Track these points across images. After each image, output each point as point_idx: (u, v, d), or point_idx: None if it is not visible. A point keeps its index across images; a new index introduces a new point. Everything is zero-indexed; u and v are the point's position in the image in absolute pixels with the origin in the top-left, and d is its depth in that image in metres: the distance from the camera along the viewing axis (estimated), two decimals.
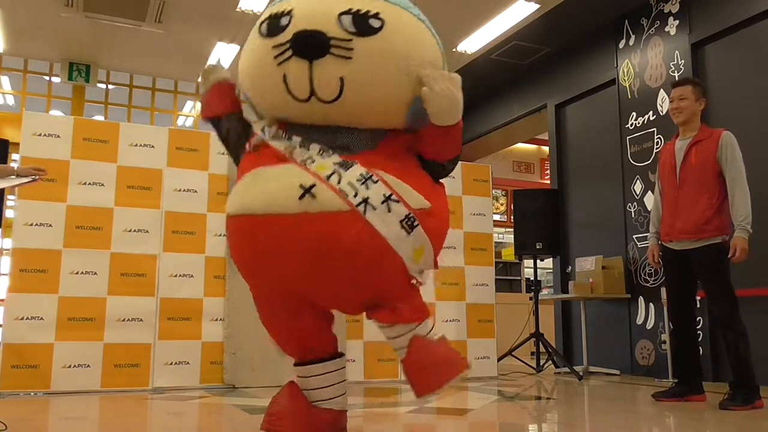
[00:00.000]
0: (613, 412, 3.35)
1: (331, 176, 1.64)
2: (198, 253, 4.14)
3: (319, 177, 1.63)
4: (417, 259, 1.71)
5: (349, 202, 1.61)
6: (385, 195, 1.65)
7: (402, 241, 1.66)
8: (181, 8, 6.03)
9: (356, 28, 1.64)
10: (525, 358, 5.77)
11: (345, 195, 1.61)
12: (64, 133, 3.97)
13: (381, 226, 1.63)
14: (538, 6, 5.71)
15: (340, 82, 1.66)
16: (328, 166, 1.66)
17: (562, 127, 6.54)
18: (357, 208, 1.61)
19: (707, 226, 3.41)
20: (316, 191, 1.60)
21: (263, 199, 1.63)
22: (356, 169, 1.66)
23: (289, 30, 1.66)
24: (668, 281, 3.71)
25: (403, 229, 1.65)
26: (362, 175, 1.66)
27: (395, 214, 1.65)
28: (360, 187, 1.64)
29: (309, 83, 1.66)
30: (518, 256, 6.95)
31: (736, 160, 3.41)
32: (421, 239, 1.69)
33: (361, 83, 1.67)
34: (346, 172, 1.66)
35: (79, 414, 3.17)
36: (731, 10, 4.78)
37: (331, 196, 1.61)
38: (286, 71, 1.67)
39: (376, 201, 1.63)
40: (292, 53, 1.65)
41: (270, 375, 4.12)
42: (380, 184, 1.65)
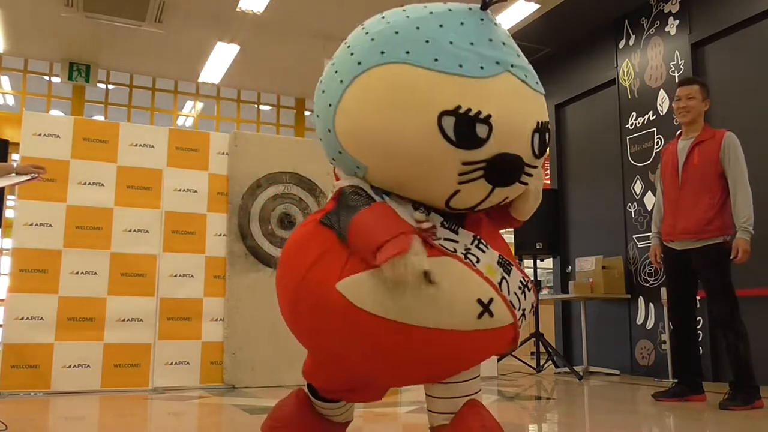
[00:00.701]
0: (613, 412, 3.35)
1: (501, 283, 1.45)
2: (198, 253, 4.14)
3: (493, 285, 1.41)
4: None
5: (515, 314, 1.45)
6: (532, 304, 1.55)
7: None
8: (181, 8, 6.04)
9: (541, 150, 1.48)
10: (525, 358, 5.77)
11: (514, 308, 1.45)
12: (64, 133, 3.96)
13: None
14: (538, 6, 5.71)
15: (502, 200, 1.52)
16: (495, 270, 1.46)
17: (562, 127, 6.54)
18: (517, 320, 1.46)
19: (709, 227, 3.41)
20: (494, 307, 1.39)
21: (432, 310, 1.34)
22: (516, 274, 1.52)
23: (486, 148, 1.37)
24: (669, 281, 3.71)
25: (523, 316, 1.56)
26: (522, 282, 1.52)
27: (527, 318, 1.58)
28: (521, 297, 1.50)
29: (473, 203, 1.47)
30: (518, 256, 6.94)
31: (739, 162, 3.41)
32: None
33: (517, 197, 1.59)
34: (510, 277, 1.49)
35: (79, 414, 3.17)
36: (731, 10, 4.78)
37: (503, 313, 1.41)
38: (463, 188, 1.42)
39: (528, 309, 1.54)
40: (483, 178, 1.39)
41: (270, 375, 4.12)
42: (532, 292, 1.55)
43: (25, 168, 2.96)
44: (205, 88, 8.28)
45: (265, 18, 6.23)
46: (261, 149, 4.41)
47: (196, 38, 6.74)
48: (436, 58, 1.37)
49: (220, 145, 4.35)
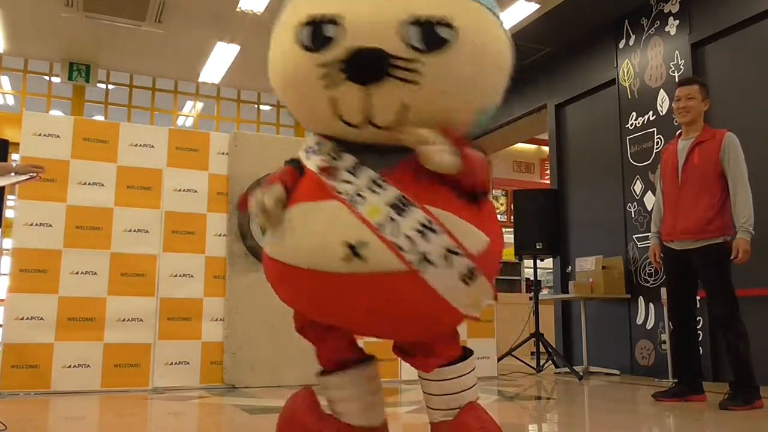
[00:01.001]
0: (613, 412, 3.35)
1: (385, 225, 1.38)
2: (198, 253, 4.14)
3: (371, 226, 1.37)
4: (473, 308, 1.49)
5: (406, 259, 1.36)
6: (448, 249, 1.39)
7: (462, 294, 1.43)
8: (181, 8, 6.04)
9: (423, 43, 1.35)
10: (525, 358, 5.77)
11: (401, 250, 1.36)
12: (64, 133, 3.96)
13: (439, 284, 1.39)
14: (538, 6, 5.71)
15: (402, 108, 1.40)
16: (381, 210, 1.39)
17: (562, 127, 6.54)
18: (414, 267, 1.37)
19: (709, 227, 3.41)
20: (367, 251, 1.36)
21: (307, 253, 1.41)
22: (415, 214, 1.39)
23: (339, 45, 1.36)
24: (669, 281, 3.71)
25: (464, 282, 1.41)
26: (422, 224, 1.39)
27: (457, 269, 1.40)
28: (419, 240, 1.38)
29: (365, 110, 1.40)
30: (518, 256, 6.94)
31: (739, 162, 3.41)
32: (481, 288, 1.45)
33: (426, 110, 1.42)
34: (403, 218, 1.39)
35: (79, 414, 3.17)
36: (731, 10, 4.78)
37: (382, 257, 1.36)
38: (337, 96, 1.40)
39: (437, 256, 1.38)
40: (345, 77, 1.37)
41: (270, 375, 4.12)
42: (442, 234, 1.39)
43: (24, 167, 2.95)
44: (205, 88, 8.28)
45: (265, 18, 6.23)
46: (261, 149, 4.41)
47: (196, 38, 6.74)
48: None
49: (220, 145, 4.35)
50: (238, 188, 4.29)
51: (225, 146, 4.36)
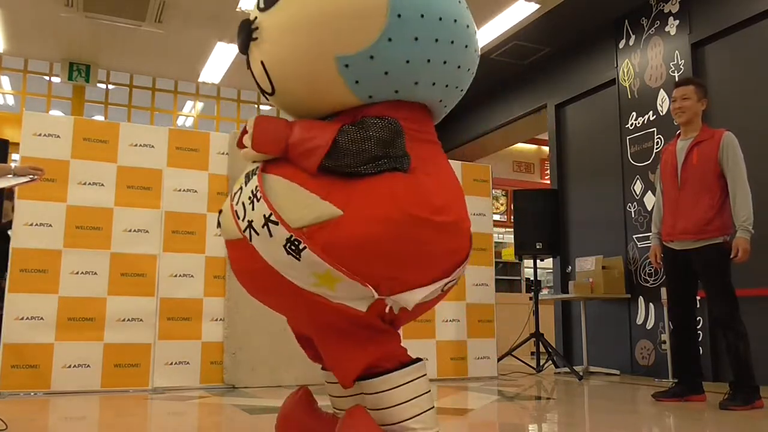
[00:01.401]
0: (613, 412, 3.35)
1: (236, 194, 1.51)
2: (198, 253, 4.14)
3: (231, 197, 1.56)
4: (330, 286, 1.39)
5: (239, 226, 1.45)
6: (265, 216, 1.39)
7: (293, 269, 1.38)
8: (181, 8, 6.03)
9: (264, 3, 1.51)
10: (525, 358, 5.77)
11: (238, 218, 1.46)
12: (64, 133, 3.96)
13: (265, 253, 1.40)
14: (538, 6, 5.71)
15: (263, 68, 1.53)
16: (241, 180, 1.57)
17: (562, 127, 6.54)
18: (244, 234, 1.42)
19: (708, 227, 3.42)
20: (222, 218, 1.55)
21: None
22: (252, 184, 1.47)
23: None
24: (669, 281, 3.71)
25: (290, 254, 1.37)
26: (252, 192, 1.45)
27: (276, 239, 1.38)
28: (248, 207, 1.43)
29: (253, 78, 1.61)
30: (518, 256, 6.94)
31: (738, 161, 3.41)
32: (317, 264, 1.36)
33: (276, 62, 1.52)
34: (246, 187, 1.49)
35: (79, 414, 3.17)
36: (731, 10, 4.78)
37: (228, 223, 1.52)
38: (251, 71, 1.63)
39: (258, 224, 1.40)
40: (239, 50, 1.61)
41: (270, 375, 4.12)
42: (262, 202, 1.40)
43: (24, 169, 2.94)
44: (205, 88, 8.27)
45: None
46: None
47: (196, 38, 6.74)
48: None
49: (220, 145, 4.35)
50: None
51: (225, 146, 4.36)
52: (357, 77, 1.45)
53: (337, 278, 1.38)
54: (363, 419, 1.44)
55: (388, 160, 1.42)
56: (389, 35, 1.43)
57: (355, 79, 1.46)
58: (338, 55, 1.43)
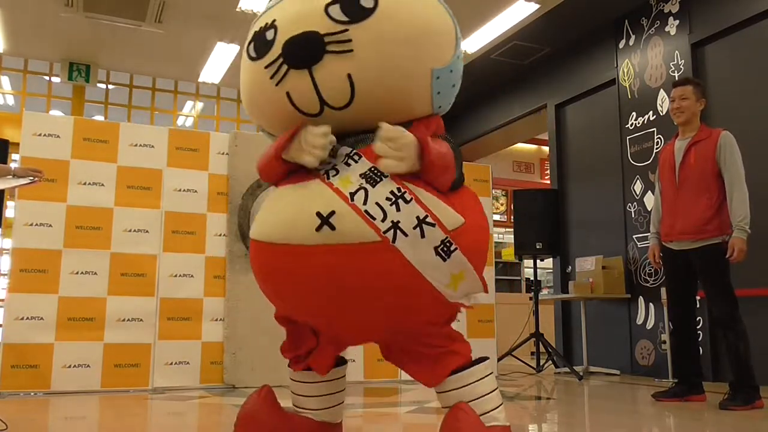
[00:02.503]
0: (613, 412, 3.35)
1: (356, 194, 1.41)
2: (198, 253, 4.14)
3: (342, 195, 1.41)
4: (455, 286, 1.48)
5: (377, 227, 1.38)
6: (418, 218, 1.41)
7: (437, 269, 1.44)
8: (181, 8, 6.03)
9: (348, 15, 1.44)
10: (525, 358, 5.77)
11: (372, 219, 1.39)
12: (64, 133, 3.96)
13: (412, 254, 1.40)
14: (538, 6, 5.71)
15: (349, 81, 1.46)
16: (353, 181, 1.44)
17: (562, 127, 6.54)
18: (385, 235, 1.38)
19: (707, 227, 3.42)
20: (336, 220, 1.38)
21: (280, 226, 1.45)
22: (387, 185, 1.43)
23: (276, 43, 1.48)
24: (668, 281, 3.71)
25: (439, 255, 1.42)
26: (393, 193, 1.42)
27: (430, 240, 1.41)
28: (390, 208, 1.40)
29: (316, 93, 1.47)
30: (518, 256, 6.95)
31: (735, 161, 3.41)
32: (461, 264, 1.46)
33: (372, 78, 1.47)
34: (374, 188, 1.43)
35: (79, 414, 3.17)
36: (731, 10, 4.78)
37: (353, 225, 1.39)
38: (288, 88, 1.49)
39: (408, 225, 1.40)
40: (288, 66, 1.46)
41: (270, 375, 4.11)
42: (414, 204, 1.42)
43: (24, 171, 2.94)
44: (205, 88, 8.27)
45: None
46: (261, 149, 4.38)
47: (196, 38, 6.73)
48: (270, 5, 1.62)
49: (220, 145, 4.35)
50: (239, 188, 4.29)
51: (225, 146, 4.36)
52: (440, 89, 1.58)
53: (465, 278, 1.49)
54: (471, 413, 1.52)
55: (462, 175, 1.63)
56: (458, 54, 1.62)
57: (438, 90, 1.57)
58: (434, 68, 1.53)
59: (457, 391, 1.56)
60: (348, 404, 3.21)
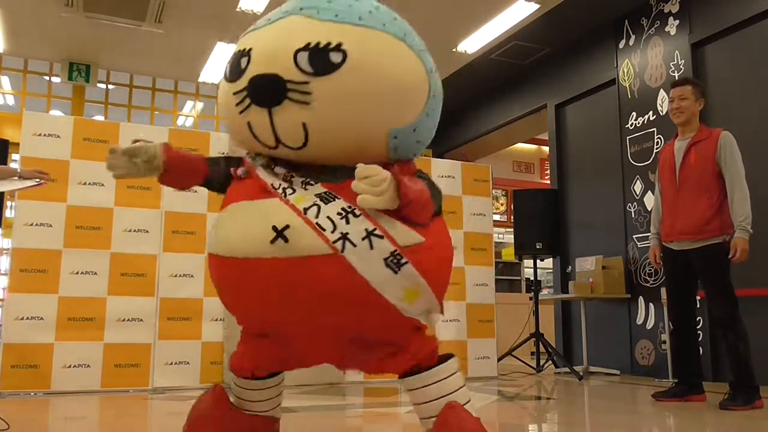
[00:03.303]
0: (613, 412, 3.35)
1: (309, 209, 1.48)
2: (198, 253, 4.14)
3: (296, 210, 1.48)
4: (411, 300, 1.51)
5: (326, 238, 1.44)
6: (367, 230, 1.46)
7: (388, 282, 1.46)
8: (181, 8, 6.04)
9: (313, 67, 1.46)
10: (525, 358, 5.77)
11: (322, 230, 1.45)
12: (64, 133, 3.97)
13: (361, 265, 1.44)
14: (538, 6, 5.71)
15: (304, 129, 1.51)
16: (308, 199, 1.50)
17: (562, 127, 6.54)
18: (334, 245, 1.43)
19: (707, 227, 3.42)
20: (290, 233, 1.44)
21: (235, 240, 1.50)
22: (338, 203, 1.49)
23: (246, 74, 1.52)
24: (668, 281, 3.71)
25: (389, 267, 1.46)
26: (344, 209, 1.48)
27: (378, 251, 1.45)
28: (340, 221, 1.46)
29: (272, 132, 1.53)
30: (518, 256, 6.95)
31: (735, 161, 3.41)
32: (413, 278, 1.48)
33: (326, 129, 1.52)
34: (327, 205, 1.49)
35: (79, 414, 3.17)
36: (731, 10, 4.78)
37: (305, 237, 1.44)
38: (249, 119, 1.55)
39: (357, 237, 1.45)
40: (250, 101, 1.51)
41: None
42: (362, 218, 1.47)
43: (30, 173, 2.91)
44: (205, 88, 8.27)
45: None
46: None
47: (196, 38, 6.74)
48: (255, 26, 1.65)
49: (220, 145, 4.35)
50: None
51: (225, 146, 4.36)
52: (398, 145, 1.59)
53: (420, 293, 1.51)
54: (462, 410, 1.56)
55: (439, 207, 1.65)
56: (427, 111, 1.61)
57: (396, 146, 1.59)
58: (392, 128, 1.55)
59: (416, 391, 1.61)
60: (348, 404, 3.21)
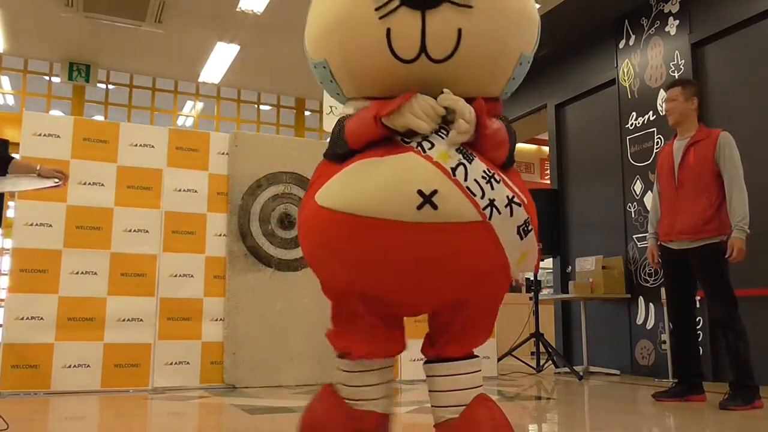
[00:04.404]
0: (613, 412, 3.35)
1: (457, 169, 1.39)
2: (198, 253, 4.14)
3: (444, 170, 1.38)
4: (521, 263, 1.52)
5: (477, 204, 1.38)
6: (508, 197, 1.43)
7: (515, 247, 1.46)
8: (181, 8, 6.04)
9: None
10: (525, 358, 5.77)
11: (473, 195, 1.38)
12: (64, 133, 3.97)
13: (503, 234, 1.42)
14: (538, 6, 5.70)
15: (458, 35, 1.42)
16: (452, 155, 1.40)
17: (562, 127, 6.54)
18: (483, 212, 1.39)
19: (706, 227, 3.41)
20: (439, 199, 1.35)
21: (375, 199, 1.38)
22: (479, 164, 1.43)
23: None
24: (667, 281, 3.71)
25: (518, 234, 1.45)
26: (485, 172, 1.42)
27: (515, 219, 1.44)
28: (486, 186, 1.40)
29: (420, 38, 1.40)
30: None
31: (734, 160, 3.41)
32: (531, 243, 1.49)
33: (480, 36, 1.45)
34: (471, 165, 1.41)
35: (79, 414, 3.17)
36: (731, 10, 4.78)
37: (455, 204, 1.37)
38: (392, 25, 1.41)
39: (501, 204, 1.41)
40: (401, 2, 1.38)
41: (270, 375, 4.12)
42: (502, 184, 1.43)
43: (49, 171, 2.79)
44: (205, 88, 8.28)
45: (265, 18, 6.23)
46: (261, 149, 4.42)
47: (196, 38, 6.74)
48: None
49: (220, 145, 4.35)
50: (239, 188, 4.29)
51: (225, 146, 4.36)
52: (516, 75, 1.58)
53: (528, 257, 1.51)
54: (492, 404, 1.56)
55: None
56: (536, 46, 1.61)
57: (514, 76, 1.58)
58: (523, 52, 1.54)
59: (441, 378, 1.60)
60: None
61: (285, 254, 4.32)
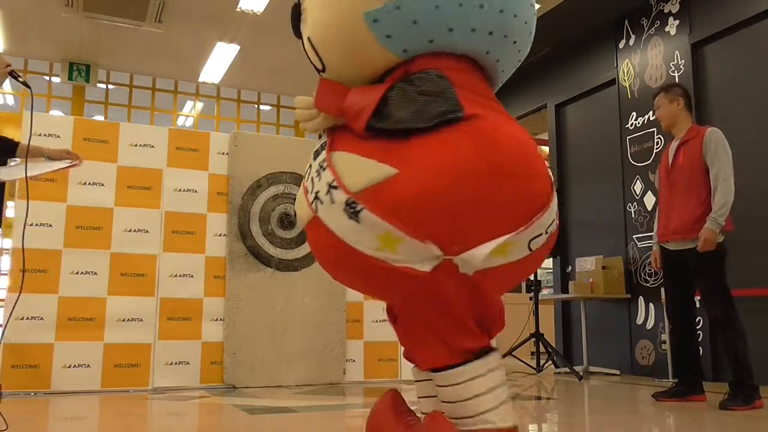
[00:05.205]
0: (613, 412, 3.35)
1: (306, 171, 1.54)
2: (198, 253, 4.15)
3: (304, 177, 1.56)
4: (392, 248, 1.32)
5: (308, 201, 1.43)
6: (329, 183, 1.38)
7: (358, 234, 1.33)
8: (181, 8, 6.04)
9: None
10: (525, 358, 5.77)
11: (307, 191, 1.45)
12: (64, 133, 3.97)
13: (332, 223, 1.37)
14: (538, 6, 5.70)
15: (311, 45, 1.52)
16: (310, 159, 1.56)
17: (562, 127, 6.54)
18: (312, 206, 1.40)
19: (697, 225, 3.40)
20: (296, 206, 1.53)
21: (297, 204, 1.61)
22: (321, 157, 1.47)
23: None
24: (667, 281, 3.71)
25: (351, 219, 1.33)
26: (320, 164, 1.45)
27: (338, 204, 1.35)
28: (316, 179, 1.43)
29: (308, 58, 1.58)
30: None
31: (719, 155, 3.40)
32: (375, 224, 1.31)
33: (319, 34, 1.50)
34: (315, 161, 1.49)
35: (79, 414, 3.17)
36: (731, 10, 4.78)
37: (301, 205, 1.50)
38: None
39: (323, 193, 1.38)
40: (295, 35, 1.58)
41: (270, 375, 4.12)
42: (327, 171, 1.40)
43: (59, 153, 2.71)
44: (205, 88, 8.28)
45: (265, 18, 6.23)
46: (261, 149, 4.42)
47: (196, 38, 6.74)
48: None
49: (220, 145, 4.35)
50: (239, 188, 4.29)
51: (225, 146, 4.36)
52: (387, 32, 1.41)
53: (398, 239, 1.31)
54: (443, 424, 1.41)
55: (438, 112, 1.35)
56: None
57: (386, 33, 1.41)
58: (365, 11, 1.39)
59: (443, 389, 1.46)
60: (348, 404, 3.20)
61: (285, 254, 4.32)
